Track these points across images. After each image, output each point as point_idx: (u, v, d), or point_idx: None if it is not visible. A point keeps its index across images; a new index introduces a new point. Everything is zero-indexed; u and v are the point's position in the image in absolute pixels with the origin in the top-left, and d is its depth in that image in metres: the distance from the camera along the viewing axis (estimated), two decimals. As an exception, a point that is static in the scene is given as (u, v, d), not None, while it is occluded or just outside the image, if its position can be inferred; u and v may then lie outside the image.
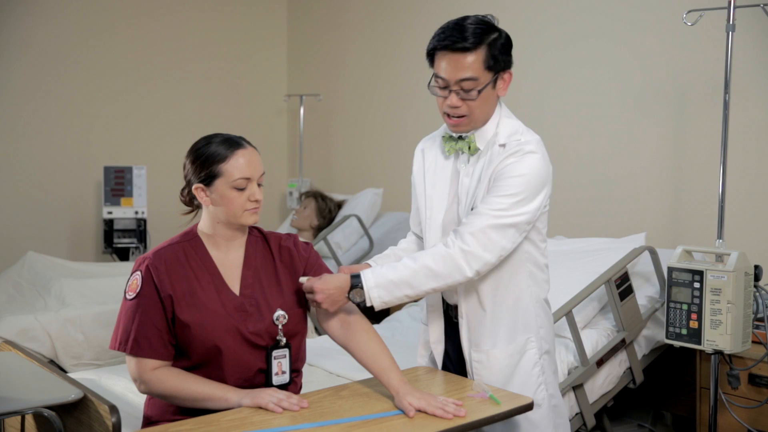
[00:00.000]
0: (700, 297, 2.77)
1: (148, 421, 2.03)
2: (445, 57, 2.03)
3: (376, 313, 3.47)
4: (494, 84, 2.06)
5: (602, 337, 3.07)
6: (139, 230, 5.00)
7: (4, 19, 4.86)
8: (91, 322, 3.74)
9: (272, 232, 2.15)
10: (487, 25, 2.04)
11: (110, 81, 5.27)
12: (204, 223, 2.05)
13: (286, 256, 2.10)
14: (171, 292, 1.95)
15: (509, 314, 2.13)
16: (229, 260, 2.04)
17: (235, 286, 2.02)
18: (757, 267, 2.82)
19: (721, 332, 2.73)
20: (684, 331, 2.82)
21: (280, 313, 2.01)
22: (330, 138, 5.66)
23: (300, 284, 2.05)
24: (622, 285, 3.02)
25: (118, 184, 4.97)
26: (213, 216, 2.02)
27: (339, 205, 5.00)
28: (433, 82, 2.08)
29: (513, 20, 4.01)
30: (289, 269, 2.09)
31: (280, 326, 2.01)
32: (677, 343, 2.86)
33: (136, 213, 4.99)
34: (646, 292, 3.26)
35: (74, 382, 1.96)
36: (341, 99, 5.53)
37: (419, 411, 1.87)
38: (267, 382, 2.00)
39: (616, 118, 3.90)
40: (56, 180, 5.12)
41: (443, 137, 2.19)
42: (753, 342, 2.85)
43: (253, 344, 1.98)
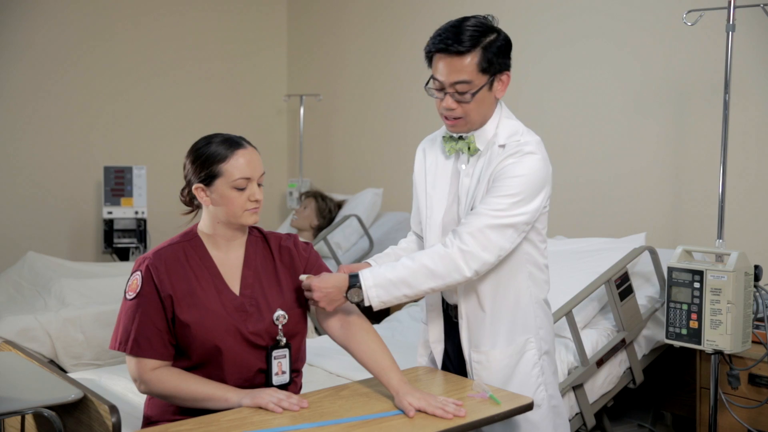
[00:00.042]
0: (700, 297, 2.77)
1: (148, 421, 2.03)
2: (440, 59, 2.03)
3: (376, 313, 3.48)
4: (490, 86, 2.05)
5: (602, 337, 3.07)
6: (139, 230, 4.99)
7: (4, 19, 4.86)
8: (91, 322, 3.74)
9: (272, 232, 2.15)
10: (485, 27, 2.03)
11: (110, 81, 5.26)
12: (204, 223, 2.05)
13: (286, 256, 2.10)
14: (171, 292, 1.95)
15: (509, 315, 2.13)
16: (229, 260, 2.04)
17: (235, 286, 2.02)
18: (757, 267, 2.82)
19: (721, 332, 2.73)
20: (684, 331, 2.82)
21: (280, 313, 2.01)
22: (330, 138, 5.66)
23: (300, 284, 2.05)
24: (622, 285, 3.02)
25: (118, 184, 4.97)
26: (213, 216, 2.02)
27: (339, 205, 5.00)
28: (431, 84, 2.08)
29: (513, 20, 4.01)
30: (289, 269, 2.09)
31: (280, 326, 2.01)
32: (677, 343, 2.86)
33: (136, 213, 4.99)
34: (646, 292, 3.26)
35: (74, 382, 1.96)
36: (341, 99, 5.53)
37: (419, 411, 1.87)
38: (267, 382, 2.00)
39: (616, 118, 3.90)
40: (56, 180, 5.11)
41: (443, 137, 2.18)
42: (753, 342, 2.85)
43: (253, 344, 1.98)
